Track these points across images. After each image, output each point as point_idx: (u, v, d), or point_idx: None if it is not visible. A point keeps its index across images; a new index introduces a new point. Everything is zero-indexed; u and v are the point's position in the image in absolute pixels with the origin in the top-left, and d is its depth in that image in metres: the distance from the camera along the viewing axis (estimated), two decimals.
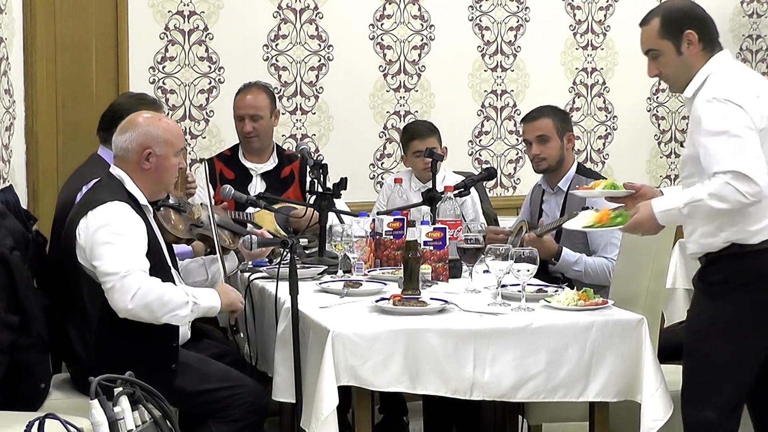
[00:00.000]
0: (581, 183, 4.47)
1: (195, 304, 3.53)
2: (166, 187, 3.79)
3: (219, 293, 3.65)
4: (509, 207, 5.51)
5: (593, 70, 6.04)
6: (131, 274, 3.44)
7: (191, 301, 3.51)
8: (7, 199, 3.86)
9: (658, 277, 3.91)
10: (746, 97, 3.29)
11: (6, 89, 4.64)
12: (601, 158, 6.08)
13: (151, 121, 3.73)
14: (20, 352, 3.60)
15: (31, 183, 4.98)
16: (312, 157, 4.60)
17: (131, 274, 3.44)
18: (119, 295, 3.42)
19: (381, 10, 5.71)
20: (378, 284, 3.90)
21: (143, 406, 1.91)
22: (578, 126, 5.97)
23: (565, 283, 4.14)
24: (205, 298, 3.58)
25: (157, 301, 3.44)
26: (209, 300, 3.59)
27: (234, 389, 3.65)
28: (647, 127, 6.18)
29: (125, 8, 5.32)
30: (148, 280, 3.47)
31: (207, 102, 5.52)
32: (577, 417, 3.83)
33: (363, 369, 3.32)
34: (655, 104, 6.16)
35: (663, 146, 6.20)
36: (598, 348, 3.44)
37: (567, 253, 4.37)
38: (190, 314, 3.54)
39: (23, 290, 3.62)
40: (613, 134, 6.12)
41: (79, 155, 4.39)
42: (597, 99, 6.06)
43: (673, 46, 3.46)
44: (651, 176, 6.12)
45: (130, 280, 3.42)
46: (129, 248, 3.50)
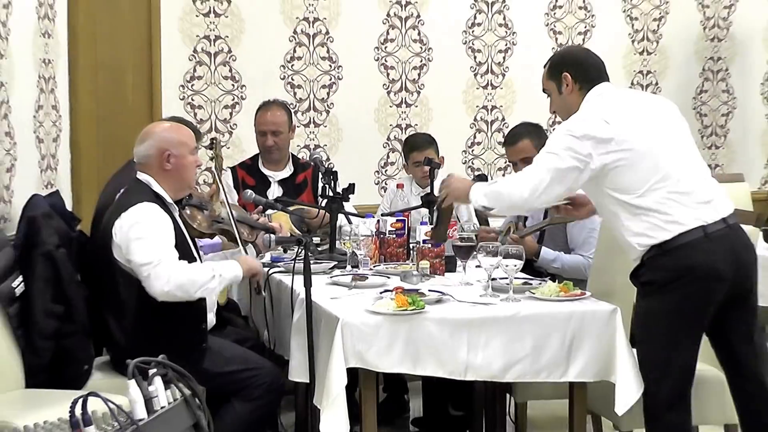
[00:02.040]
0: None
1: (220, 276, 3.56)
2: (188, 183, 3.81)
3: (240, 262, 3.68)
4: None
5: None
6: (163, 263, 3.46)
7: (216, 274, 3.54)
8: (54, 202, 3.88)
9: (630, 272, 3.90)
10: (591, 127, 3.36)
11: (53, 105, 4.66)
12: None
13: (164, 128, 3.79)
14: (65, 338, 3.62)
15: (74, 188, 5.00)
16: (323, 165, 4.62)
17: (163, 263, 3.46)
18: (156, 282, 3.45)
19: (385, 34, 5.72)
20: (382, 278, 3.91)
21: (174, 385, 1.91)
22: None
23: (548, 276, 4.15)
24: (228, 270, 3.61)
25: (188, 280, 3.47)
26: (232, 270, 3.63)
27: (254, 371, 3.66)
28: None
29: (158, 33, 5.33)
30: (177, 265, 3.50)
31: (231, 116, 5.53)
32: (559, 395, 3.83)
33: (369, 353, 3.32)
34: None
35: None
36: (577, 334, 3.44)
37: (546, 252, 4.38)
38: (218, 285, 3.58)
39: (67, 283, 3.64)
40: None
41: (116, 163, 4.39)
42: None
43: (556, 86, 3.55)
44: None
45: (162, 268, 3.45)
46: (159, 241, 3.52)
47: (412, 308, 3.36)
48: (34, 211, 3.70)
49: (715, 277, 3.34)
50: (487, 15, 5.88)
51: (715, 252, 3.33)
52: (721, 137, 6.41)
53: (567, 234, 4.43)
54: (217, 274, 3.55)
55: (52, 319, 3.58)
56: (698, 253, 3.31)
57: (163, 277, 3.45)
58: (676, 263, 3.32)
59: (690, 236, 3.30)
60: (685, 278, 3.32)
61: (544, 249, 4.38)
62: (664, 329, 3.38)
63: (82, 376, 3.65)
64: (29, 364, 3.54)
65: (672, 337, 3.39)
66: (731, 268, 3.36)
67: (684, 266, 3.32)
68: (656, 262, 3.35)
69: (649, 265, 3.37)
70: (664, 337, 3.39)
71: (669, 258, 3.32)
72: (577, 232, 4.40)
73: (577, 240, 4.41)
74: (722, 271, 3.34)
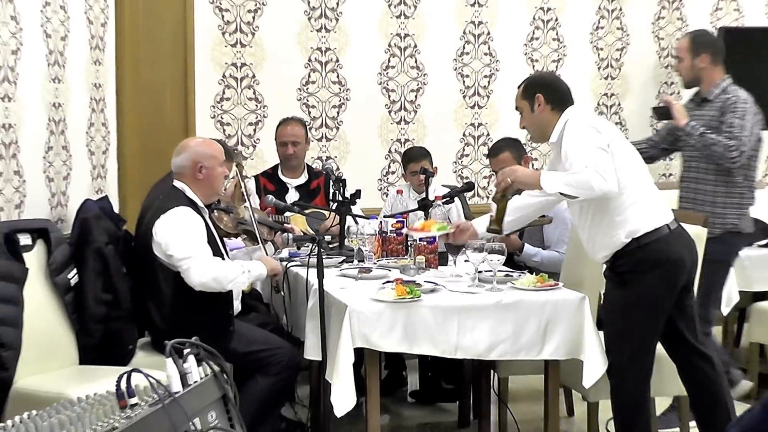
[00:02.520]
0: None
1: (249, 272, 3.58)
2: (217, 191, 3.80)
3: (264, 263, 3.69)
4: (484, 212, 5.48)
5: None
6: (199, 258, 3.48)
7: (245, 270, 3.57)
8: (103, 206, 3.89)
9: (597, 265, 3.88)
10: (601, 126, 3.40)
11: (103, 123, 4.66)
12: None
13: (198, 143, 3.79)
14: (112, 322, 3.64)
15: (121, 193, 4.99)
16: (334, 174, 4.62)
17: (199, 258, 3.48)
18: (194, 273, 3.46)
19: (386, 62, 5.71)
20: (384, 270, 3.90)
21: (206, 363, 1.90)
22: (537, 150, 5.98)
23: (526, 269, 4.14)
24: (255, 268, 3.63)
25: (222, 274, 3.49)
26: (258, 269, 3.64)
27: (274, 350, 3.67)
28: None
29: (192, 61, 5.33)
30: (212, 260, 3.52)
31: (254, 132, 5.52)
32: (536, 371, 3.82)
33: (372, 335, 3.32)
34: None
35: None
36: (551, 319, 3.44)
37: (528, 248, 4.38)
38: (246, 280, 3.61)
39: (115, 275, 3.65)
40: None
41: (156, 172, 4.39)
42: None
43: (529, 105, 3.52)
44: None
45: (199, 262, 3.47)
46: (194, 239, 3.53)
47: (409, 297, 3.36)
48: (87, 213, 3.72)
49: (681, 265, 3.42)
50: (474, 45, 5.87)
51: (679, 245, 3.42)
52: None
53: (543, 233, 4.43)
54: (246, 271, 3.58)
55: (101, 305, 3.60)
56: (668, 246, 3.37)
57: (201, 270, 3.46)
58: (650, 255, 3.35)
59: (660, 232, 3.36)
60: (659, 267, 3.36)
61: (527, 246, 4.38)
62: (639, 312, 3.40)
63: (127, 355, 3.66)
64: (82, 344, 3.56)
65: (645, 319, 3.41)
66: (690, 258, 3.45)
67: (657, 257, 3.35)
68: (634, 255, 3.36)
69: (627, 258, 3.37)
70: (639, 319, 3.41)
71: (644, 251, 3.35)
72: (551, 232, 4.40)
73: (552, 238, 4.40)
74: (686, 261, 3.43)
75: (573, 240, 4.11)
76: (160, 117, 5.25)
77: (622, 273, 3.41)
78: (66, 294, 3.49)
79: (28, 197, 3.71)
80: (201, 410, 1.77)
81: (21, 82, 3.62)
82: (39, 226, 3.47)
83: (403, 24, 5.72)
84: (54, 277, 3.45)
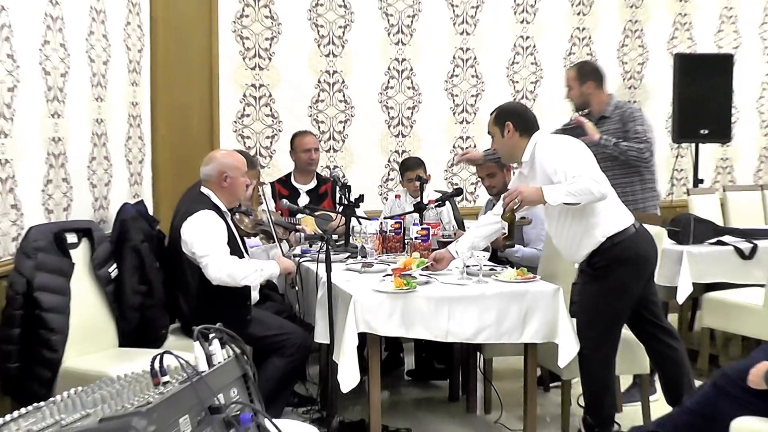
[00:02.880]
0: None
1: (262, 270, 3.57)
2: (238, 197, 3.80)
3: (278, 262, 3.68)
4: (471, 214, 5.49)
5: None
6: (217, 255, 3.47)
7: (259, 269, 3.55)
8: (139, 208, 3.89)
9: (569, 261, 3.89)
10: (571, 140, 3.49)
11: (139, 136, 4.67)
12: None
13: (224, 155, 3.78)
14: (147, 310, 3.64)
15: (154, 198, 5.00)
16: (340, 180, 4.61)
17: (217, 255, 3.47)
18: (211, 269, 3.46)
19: (386, 83, 5.72)
20: (384, 265, 3.90)
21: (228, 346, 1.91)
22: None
23: (508, 264, 4.15)
24: (268, 267, 3.61)
25: (235, 271, 3.48)
26: (271, 268, 3.62)
27: (288, 335, 3.67)
28: None
29: (217, 82, 5.34)
30: (229, 259, 3.51)
31: (271, 144, 5.53)
32: (516, 353, 3.82)
33: (374, 321, 3.32)
34: None
35: None
36: (529, 307, 3.44)
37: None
38: (259, 278, 3.59)
39: (149, 269, 3.65)
40: None
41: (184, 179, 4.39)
42: None
43: (499, 131, 3.53)
44: None
45: (216, 259, 3.46)
46: (214, 239, 3.53)
47: (406, 288, 3.36)
48: (125, 215, 3.72)
49: (647, 260, 3.46)
50: (462, 68, 5.88)
51: (645, 243, 3.45)
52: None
53: (523, 233, 4.43)
54: (260, 269, 3.55)
55: (137, 295, 3.60)
56: (637, 243, 3.40)
57: (217, 266, 3.45)
58: (622, 252, 3.38)
59: (628, 232, 3.39)
60: (630, 262, 3.39)
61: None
62: (613, 300, 3.41)
63: (159, 339, 3.66)
64: (121, 329, 3.55)
65: (617, 306, 3.43)
66: (654, 254, 3.50)
67: (628, 254, 3.38)
68: (608, 252, 3.38)
69: (602, 255, 3.39)
70: (611, 306, 3.42)
71: (617, 248, 3.37)
72: (530, 232, 4.40)
73: (531, 237, 4.40)
74: (651, 256, 3.48)
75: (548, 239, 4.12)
76: (188, 131, 5.25)
77: (598, 268, 3.41)
78: (107, 286, 3.49)
79: (75, 201, 3.73)
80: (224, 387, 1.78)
81: (68, 101, 3.63)
82: (84, 226, 3.48)
83: (400, 50, 5.73)
84: (97, 271, 3.46)
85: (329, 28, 5.57)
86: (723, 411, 2.67)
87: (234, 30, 5.40)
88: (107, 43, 4.10)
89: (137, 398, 1.59)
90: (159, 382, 1.69)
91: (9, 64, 3.15)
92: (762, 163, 6.72)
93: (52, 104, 3.50)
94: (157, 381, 1.69)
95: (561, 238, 3.51)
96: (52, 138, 3.51)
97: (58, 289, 3.20)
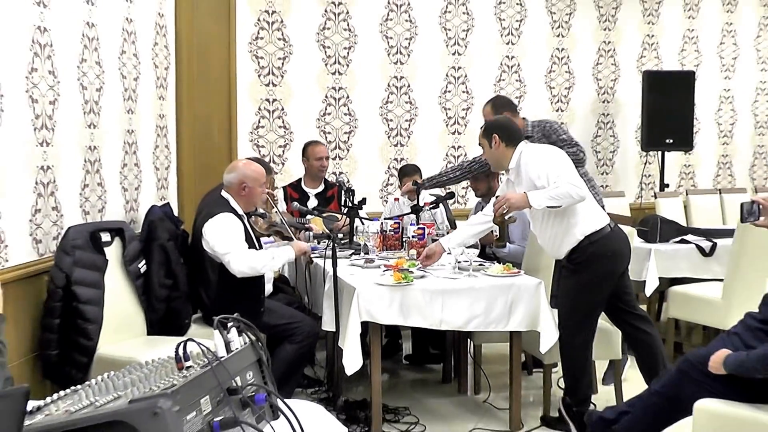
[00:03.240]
0: None
1: (279, 257, 3.57)
2: (254, 204, 3.78)
3: (292, 246, 3.67)
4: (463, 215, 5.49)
5: None
6: (237, 252, 3.47)
7: (275, 256, 3.55)
8: (166, 210, 3.89)
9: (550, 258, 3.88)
10: (552, 148, 3.49)
11: (166, 145, 4.67)
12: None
13: (245, 166, 3.75)
14: (172, 302, 3.64)
15: (179, 201, 4.99)
16: (345, 185, 4.62)
17: (237, 252, 3.47)
18: (234, 264, 3.45)
19: (386, 98, 5.71)
20: (384, 261, 3.90)
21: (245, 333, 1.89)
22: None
23: (495, 260, 4.14)
24: (282, 253, 3.61)
25: (255, 262, 3.47)
26: (286, 253, 3.62)
27: (298, 323, 3.66)
28: None
29: (235, 96, 5.34)
30: (247, 252, 3.50)
31: (283, 153, 5.52)
32: (503, 340, 3.82)
33: (375, 311, 3.33)
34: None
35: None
36: (514, 299, 3.44)
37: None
38: (276, 263, 3.59)
39: (174, 265, 3.64)
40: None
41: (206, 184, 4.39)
42: None
43: (487, 143, 3.52)
44: None
45: (238, 255, 3.46)
46: (233, 238, 3.52)
47: (404, 281, 3.36)
48: (153, 216, 3.72)
49: (622, 256, 3.45)
50: (454, 85, 5.87)
51: (620, 241, 3.44)
52: (610, 166, 6.39)
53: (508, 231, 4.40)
54: (276, 256, 3.56)
55: (164, 289, 3.59)
56: (612, 242, 3.39)
57: (238, 261, 3.45)
58: (599, 249, 3.36)
59: (604, 231, 3.38)
60: (606, 258, 3.37)
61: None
62: (590, 292, 3.40)
63: (183, 327, 3.66)
64: (149, 319, 3.55)
65: (594, 297, 3.42)
66: (627, 251, 3.48)
67: (604, 251, 3.37)
68: (587, 249, 3.36)
69: (581, 252, 3.37)
70: (589, 297, 3.41)
71: (594, 246, 3.36)
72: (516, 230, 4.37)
73: (516, 235, 4.40)
74: (625, 253, 3.46)
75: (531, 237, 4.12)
76: (209, 141, 5.25)
77: (577, 263, 3.40)
78: (137, 280, 3.49)
79: (108, 204, 3.72)
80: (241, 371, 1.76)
81: (103, 113, 3.63)
82: (116, 226, 3.48)
83: (399, 69, 5.72)
84: (127, 266, 3.45)
85: (335, 49, 5.56)
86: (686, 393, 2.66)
87: (250, 50, 5.39)
88: (137, 62, 4.09)
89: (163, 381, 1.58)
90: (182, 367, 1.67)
91: (50, 79, 3.14)
92: (720, 170, 6.72)
93: (88, 116, 3.49)
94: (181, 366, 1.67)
95: (545, 237, 3.50)
96: (88, 146, 3.50)
97: (94, 283, 3.20)
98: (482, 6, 5.88)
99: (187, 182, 5.06)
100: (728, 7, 6.59)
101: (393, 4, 5.69)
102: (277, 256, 3.57)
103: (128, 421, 1.43)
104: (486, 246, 4.29)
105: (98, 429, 1.44)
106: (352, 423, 3.55)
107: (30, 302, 3.08)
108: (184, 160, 5.05)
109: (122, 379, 1.65)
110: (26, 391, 1.35)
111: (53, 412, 1.52)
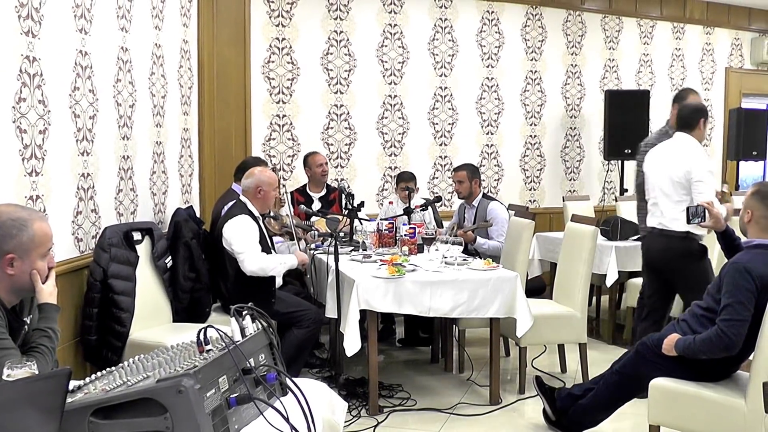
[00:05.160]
0: (485, 205, 4.48)
1: (285, 264, 3.56)
2: (269, 207, 3.77)
3: (296, 256, 3.66)
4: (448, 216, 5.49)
5: (491, 146, 6.05)
6: (251, 253, 3.45)
7: (282, 262, 3.54)
8: (189, 212, 3.86)
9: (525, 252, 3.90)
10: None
11: (189, 155, 4.66)
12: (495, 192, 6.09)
13: (261, 173, 3.73)
14: (195, 293, 3.63)
15: (201, 204, 4.98)
16: (346, 190, 4.60)
17: (251, 253, 3.45)
18: (246, 263, 3.44)
19: (382, 114, 5.70)
20: (380, 256, 3.90)
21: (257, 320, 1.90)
22: (484, 174, 5.98)
23: (477, 256, 4.15)
24: (288, 260, 3.60)
25: (264, 265, 3.47)
26: (291, 260, 3.61)
27: (305, 311, 3.65)
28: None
29: (249, 113, 5.31)
30: (260, 255, 3.48)
31: (291, 162, 5.51)
32: (484, 325, 3.84)
33: (372, 300, 3.33)
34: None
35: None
36: (494, 289, 3.45)
37: (480, 240, 4.38)
38: (283, 269, 3.58)
39: (197, 260, 3.63)
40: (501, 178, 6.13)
41: (224, 189, 4.40)
42: (492, 160, 6.06)
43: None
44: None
45: (251, 256, 3.44)
46: (249, 239, 3.51)
47: (397, 274, 3.37)
48: (178, 217, 3.71)
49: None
50: (441, 103, 5.87)
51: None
52: (577, 174, 6.40)
53: (488, 231, 4.44)
54: (283, 262, 3.55)
55: (188, 281, 3.59)
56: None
57: (251, 261, 3.44)
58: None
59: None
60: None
61: (478, 239, 4.38)
62: None
63: (205, 315, 3.65)
64: (174, 308, 3.54)
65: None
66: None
67: None
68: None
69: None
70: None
71: None
72: (493, 230, 4.40)
73: (495, 233, 4.41)
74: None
75: (509, 234, 4.13)
76: (227, 151, 5.24)
77: None
78: (164, 273, 3.48)
79: (140, 206, 3.72)
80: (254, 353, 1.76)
81: (135, 127, 3.63)
82: (146, 226, 3.47)
83: (393, 89, 5.72)
84: (156, 262, 3.45)
85: (337, 71, 5.56)
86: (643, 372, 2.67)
87: (263, 72, 5.38)
88: (165, 82, 4.09)
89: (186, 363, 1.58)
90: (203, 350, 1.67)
91: (90, 96, 3.14)
92: None
93: (122, 129, 3.49)
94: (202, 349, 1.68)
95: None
96: (122, 156, 3.50)
97: (127, 276, 3.19)
98: (466, 34, 5.89)
99: (208, 187, 5.05)
100: (677, 35, 6.64)
101: (387, 32, 5.69)
102: (285, 261, 3.57)
103: (156, 398, 1.43)
104: (471, 242, 4.31)
105: (130, 405, 1.44)
106: (352, 398, 3.55)
107: (73, 294, 3.08)
108: (205, 168, 5.04)
109: (151, 361, 1.65)
110: (69, 372, 1.35)
111: (91, 391, 1.52)
